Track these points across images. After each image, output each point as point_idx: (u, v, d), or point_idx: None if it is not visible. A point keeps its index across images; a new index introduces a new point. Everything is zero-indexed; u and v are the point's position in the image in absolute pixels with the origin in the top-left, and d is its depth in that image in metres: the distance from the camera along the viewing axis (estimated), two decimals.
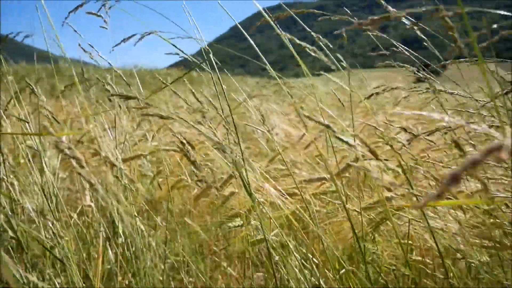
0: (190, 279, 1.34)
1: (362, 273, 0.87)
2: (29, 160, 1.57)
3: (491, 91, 0.62)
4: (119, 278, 1.05)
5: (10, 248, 1.03)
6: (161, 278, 1.07)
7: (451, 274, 0.89)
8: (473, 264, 0.88)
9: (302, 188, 0.93)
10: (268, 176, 0.95)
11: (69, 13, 0.98)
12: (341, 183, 1.00)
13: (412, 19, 0.90)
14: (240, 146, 0.94)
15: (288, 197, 0.88)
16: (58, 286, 1.01)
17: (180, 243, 1.29)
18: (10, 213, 1.00)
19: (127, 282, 1.12)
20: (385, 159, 0.85)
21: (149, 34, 1.01)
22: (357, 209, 0.87)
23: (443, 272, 0.89)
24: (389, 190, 0.83)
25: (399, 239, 0.80)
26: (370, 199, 0.88)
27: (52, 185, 1.10)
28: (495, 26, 0.82)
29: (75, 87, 1.24)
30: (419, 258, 0.91)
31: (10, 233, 0.98)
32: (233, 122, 0.97)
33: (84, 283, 1.01)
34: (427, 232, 0.82)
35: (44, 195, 1.11)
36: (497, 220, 0.80)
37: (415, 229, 0.89)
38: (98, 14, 0.96)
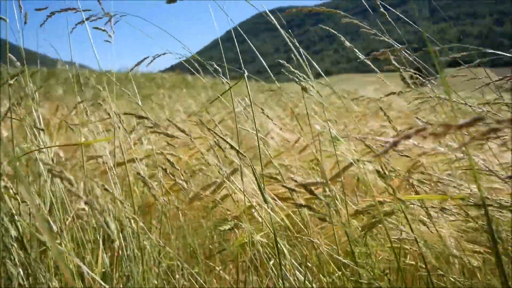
0: (185, 282, 1.34)
1: (356, 277, 0.88)
2: (26, 164, 1.56)
3: None
4: (114, 282, 1.05)
5: (11, 248, 1.03)
6: (155, 282, 1.07)
7: (445, 278, 0.90)
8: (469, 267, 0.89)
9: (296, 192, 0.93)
10: (261, 181, 0.95)
11: (76, 25, 1.00)
12: (335, 187, 1.00)
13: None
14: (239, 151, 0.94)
15: (279, 201, 0.89)
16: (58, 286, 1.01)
17: (175, 246, 1.30)
18: (15, 214, 1.00)
19: (121, 286, 1.12)
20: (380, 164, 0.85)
21: (160, 56, 1.04)
22: (349, 213, 0.88)
23: (435, 276, 0.89)
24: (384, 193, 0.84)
25: (391, 242, 0.81)
26: (364, 203, 0.89)
27: (48, 188, 1.11)
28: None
29: (71, 90, 1.25)
30: (412, 262, 0.92)
31: (14, 232, 0.98)
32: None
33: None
34: (419, 237, 0.83)
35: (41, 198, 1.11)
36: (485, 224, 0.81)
37: (408, 233, 0.90)
38: (103, 29, 0.98)
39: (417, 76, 1.36)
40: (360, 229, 0.87)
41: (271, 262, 1.07)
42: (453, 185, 0.91)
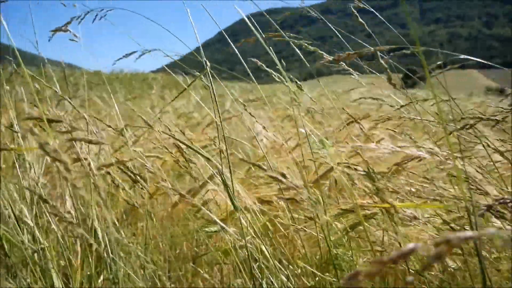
0: (172, 285, 1.34)
1: (337, 280, 0.89)
2: (13, 165, 1.56)
3: None
4: (98, 285, 1.05)
5: None
6: (141, 285, 1.07)
7: (426, 279, 0.91)
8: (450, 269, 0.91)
9: (279, 195, 0.94)
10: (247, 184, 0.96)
11: (52, 34, 0.99)
12: (319, 190, 1.01)
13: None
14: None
15: (260, 205, 0.90)
16: None
17: (161, 249, 1.30)
18: None
19: None
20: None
21: (149, 51, 1.04)
22: (330, 217, 0.89)
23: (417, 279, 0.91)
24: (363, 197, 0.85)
25: (371, 244, 0.82)
26: (346, 206, 0.90)
27: (33, 190, 1.10)
28: None
29: (62, 90, 1.24)
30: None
31: None
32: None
33: None
34: (400, 239, 0.85)
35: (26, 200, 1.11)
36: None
37: (391, 236, 0.91)
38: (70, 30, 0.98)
39: (403, 79, 1.37)
40: (342, 231, 0.88)
41: (255, 265, 1.08)
42: (434, 189, 0.93)
